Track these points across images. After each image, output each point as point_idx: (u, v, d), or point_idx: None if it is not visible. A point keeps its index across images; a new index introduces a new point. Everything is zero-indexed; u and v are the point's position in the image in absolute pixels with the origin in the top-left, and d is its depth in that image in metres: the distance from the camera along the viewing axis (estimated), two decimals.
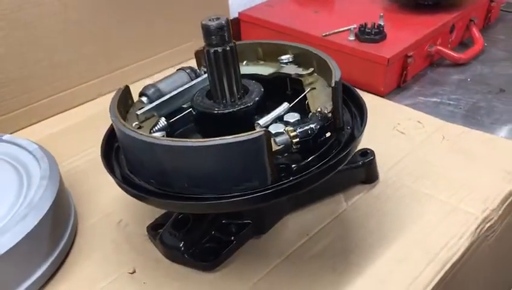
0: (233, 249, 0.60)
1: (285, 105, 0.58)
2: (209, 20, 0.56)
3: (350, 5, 1.14)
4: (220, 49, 0.56)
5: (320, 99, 0.59)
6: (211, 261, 0.59)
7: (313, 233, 0.64)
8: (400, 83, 0.96)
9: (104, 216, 0.68)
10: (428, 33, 0.98)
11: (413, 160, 0.75)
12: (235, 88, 0.59)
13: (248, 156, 0.49)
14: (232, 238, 0.61)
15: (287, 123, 0.55)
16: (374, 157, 0.71)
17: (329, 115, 0.55)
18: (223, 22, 0.56)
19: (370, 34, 0.94)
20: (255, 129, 0.54)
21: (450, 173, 0.72)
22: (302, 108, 0.59)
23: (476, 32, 1.08)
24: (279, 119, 0.57)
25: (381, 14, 0.99)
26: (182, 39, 1.05)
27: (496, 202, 0.66)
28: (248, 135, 0.48)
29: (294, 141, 0.52)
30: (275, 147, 0.51)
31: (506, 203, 0.67)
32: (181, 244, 0.59)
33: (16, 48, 0.82)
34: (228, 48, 0.56)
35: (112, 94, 0.98)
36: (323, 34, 0.98)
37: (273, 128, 0.54)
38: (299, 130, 0.52)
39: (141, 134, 0.52)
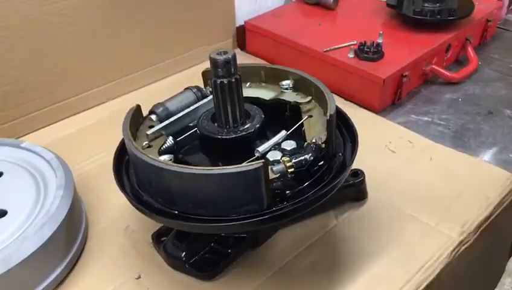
0: (231, 261, 0.66)
1: (282, 133, 0.63)
2: (217, 54, 0.61)
3: (352, 18, 1.18)
4: (225, 81, 0.61)
5: (316, 128, 0.64)
6: (209, 272, 0.65)
7: (303, 248, 0.69)
8: (394, 100, 1.01)
9: (113, 222, 0.74)
10: (425, 53, 1.03)
11: (401, 179, 0.81)
12: (238, 115, 0.64)
13: (247, 184, 0.54)
14: (230, 250, 0.66)
15: (283, 150, 0.61)
16: (364, 178, 0.76)
17: (323, 145, 0.60)
18: (230, 57, 0.61)
19: (368, 52, 0.99)
20: (254, 154, 0.60)
21: (434, 194, 0.78)
22: (299, 134, 0.64)
23: (471, 51, 1.12)
24: (278, 145, 0.62)
25: (381, 32, 1.04)
26: (189, 46, 1.10)
27: (473, 226, 0.72)
28: (248, 165, 0.54)
29: (289, 170, 0.57)
30: (271, 175, 0.56)
31: (482, 227, 0.73)
32: (183, 255, 0.65)
33: (34, 55, 0.87)
34: (233, 80, 0.62)
35: (121, 98, 1.05)
36: (324, 50, 1.02)
37: (270, 156, 0.59)
38: (294, 161, 0.57)
39: (152, 158, 0.57)
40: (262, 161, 0.54)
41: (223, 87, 0.62)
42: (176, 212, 0.58)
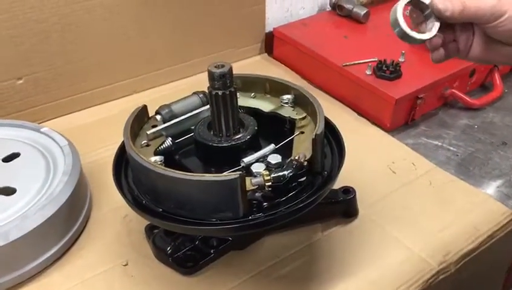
0: (211, 260, 0.71)
1: (271, 146, 0.66)
2: (215, 66, 0.65)
3: (380, 34, 1.17)
4: (220, 92, 0.65)
5: (304, 145, 0.67)
6: (189, 268, 0.69)
7: (284, 256, 0.73)
8: (407, 120, 1.01)
9: (114, 209, 0.79)
10: (445, 76, 1.02)
11: (394, 201, 0.82)
12: (231, 125, 0.68)
13: (224, 193, 0.58)
14: (212, 251, 0.71)
15: (269, 164, 0.64)
16: (355, 196, 0.78)
17: (305, 163, 0.63)
18: (226, 70, 0.64)
19: (386, 71, 0.99)
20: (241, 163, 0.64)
21: (424, 220, 0.78)
22: (289, 148, 0.67)
23: (497, 78, 1.10)
24: (265, 157, 0.65)
25: (403, 51, 1.04)
26: (218, 48, 1.14)
27: (456, 257, 0.73)
28: (226, 175, 0.58)
29: (267, 184, 0.60)
30: (250, 187, 0.60)
31: (466, 259, 0.74)
32: (168, 248, 0.70)
33: (66, 47, 0.94)
34: (228, 92, 0.65)
35: (146, 92, 1.10)
36: (343, 64, 1.04)
37: (255, 167, 0.63)
38: (272, 175, 0.60)
39: (141, 157, 0.62)
40: (240, 172, 0.58)
41: (217, 98, 0.66)
42: (161, 210, 0.63)
